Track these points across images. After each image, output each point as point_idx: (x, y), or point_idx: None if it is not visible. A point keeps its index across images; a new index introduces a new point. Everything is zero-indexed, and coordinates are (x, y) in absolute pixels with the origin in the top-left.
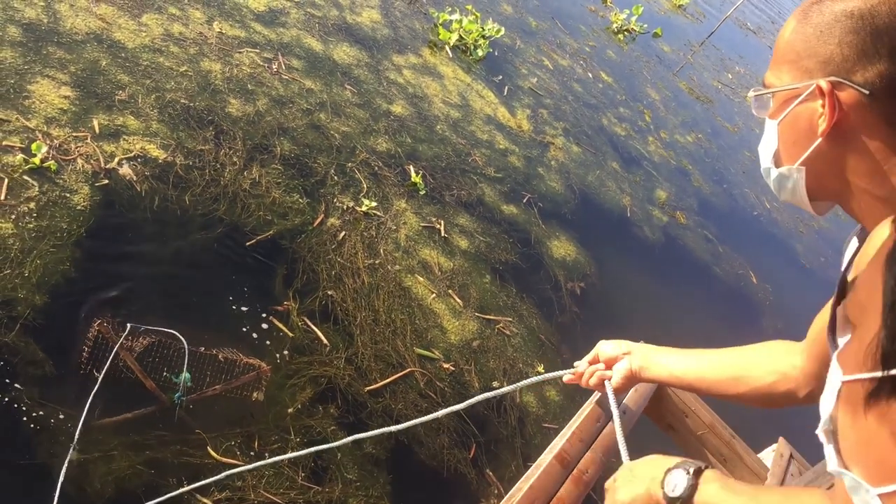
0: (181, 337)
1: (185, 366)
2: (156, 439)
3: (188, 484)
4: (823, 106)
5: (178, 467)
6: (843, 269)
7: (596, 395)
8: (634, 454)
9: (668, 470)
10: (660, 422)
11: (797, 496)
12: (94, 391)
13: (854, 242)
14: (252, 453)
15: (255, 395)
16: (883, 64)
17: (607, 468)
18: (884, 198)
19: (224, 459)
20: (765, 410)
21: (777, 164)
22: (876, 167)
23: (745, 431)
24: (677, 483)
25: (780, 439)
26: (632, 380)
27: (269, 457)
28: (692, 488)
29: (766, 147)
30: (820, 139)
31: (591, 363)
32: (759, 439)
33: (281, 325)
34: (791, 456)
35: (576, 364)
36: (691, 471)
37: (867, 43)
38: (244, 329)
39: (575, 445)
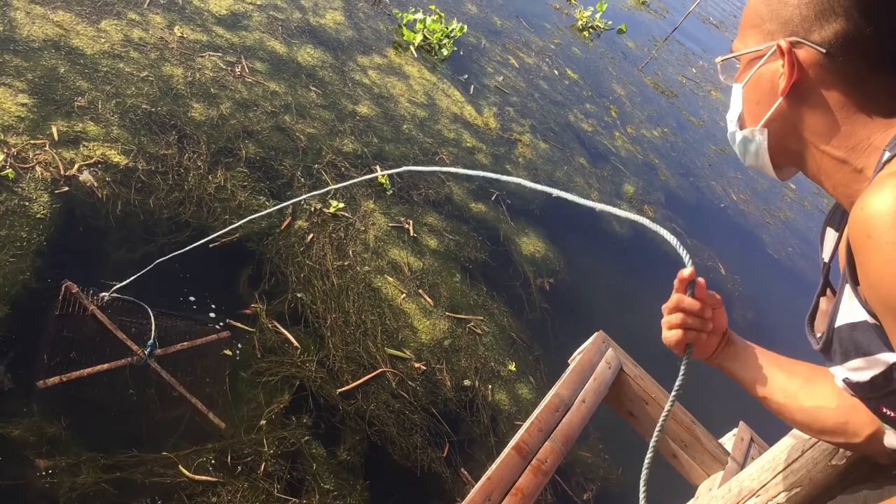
0: (145, 305)
1: (153, 334)
2: (126, 458)
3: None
4: (783, 66)
5: (149, 487)
6: (825, 259)
7: (558, 384)
8: (596, 442)
9: None
10: (620, 409)
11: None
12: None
13: (831, 233)
14: (225, 469)
15: (226, 351)
16: (839, 23)
17: (567, 457)
18: (841, 158)
19: (197, 477)
20: (724, 394)
21: (741, 126)
22: (834, 127)
23: (705, 417)
24: None
25: (741, 423)
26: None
27: (242, 471)
28: None
29: (732, 111)
30: (781, 98)
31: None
32: (719, 424)
33: (244, 326)
34: (752, 439)
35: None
36: None
37: (825, 3)
38: (218, 351)
39: (534, 436)
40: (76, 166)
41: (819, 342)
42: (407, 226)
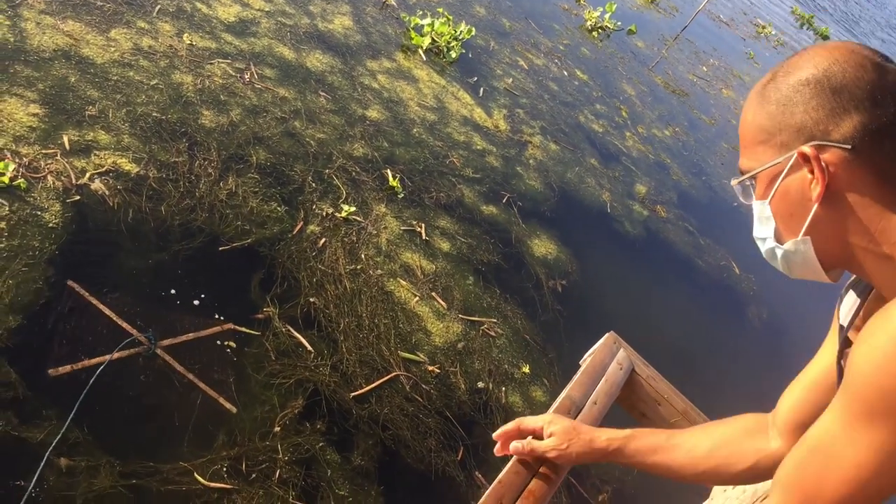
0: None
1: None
2: (142, 467)
3: None
4: (811, 171)
5: (163, 495)
6: (843, 323)
7: (568, 387)
8: None
9: None
10: (632, 410)
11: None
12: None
13: (852, 296)
14: (240, 476)
15: (230, 343)
16: (856, 116)
17: None
18: (885, 255)
19: (212, 484)
20: (739, 394)
21: (780, 242)
22: (873, 223)
23: (718, 417)
24: None
25: None
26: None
27: (257, 478)
28: None
29: (764, 229)
30: (816, 205)
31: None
32: None
33: (250, 330)
34: None
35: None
36: None
37: (833, 102)
38: (222, 340)
39: None
40: (87, 175)
41: None
42: (419, 229)
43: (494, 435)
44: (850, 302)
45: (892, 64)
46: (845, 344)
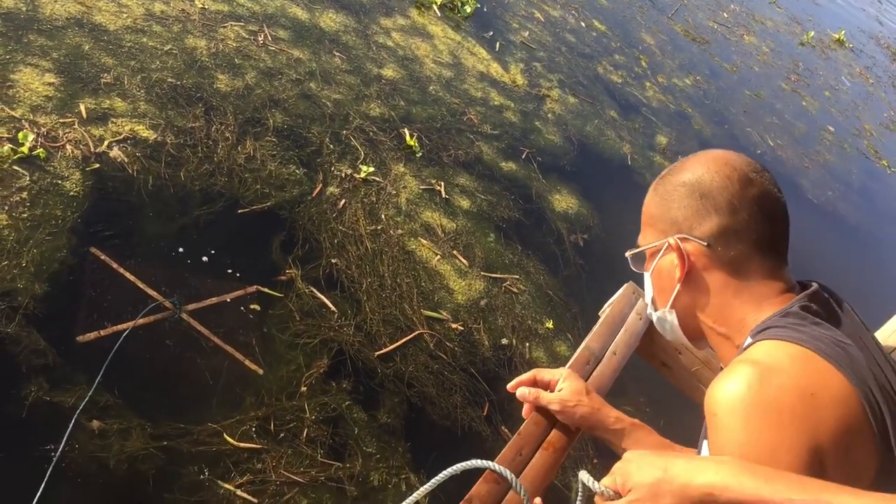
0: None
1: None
2: (172, 429)
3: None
4: (676, 258)
5: (194, 455)
6: None
7: (588, 338)
8: (636, 395)
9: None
10: (653, 360)
11: None
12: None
13: None
14: (269, 436)
15: (254, 305)
16: (715, 219)
17: None
18: (725, 335)
19: (241, 444)
20: None
21: (656, 308)
22: (717, 307)
23: None
24: None
25: None
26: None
27: (285, 438)
28: None
29: (647, 295)
30: (678, 285)
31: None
32: None
33: (273, 292)
34: None
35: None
36: None
37: (699, 204)
38: (246, 303)
39: None
40: (106, 143)
41: None
42: (438, 187)
43: (509, 386)
44: None
45: (764, 176)
46: None
